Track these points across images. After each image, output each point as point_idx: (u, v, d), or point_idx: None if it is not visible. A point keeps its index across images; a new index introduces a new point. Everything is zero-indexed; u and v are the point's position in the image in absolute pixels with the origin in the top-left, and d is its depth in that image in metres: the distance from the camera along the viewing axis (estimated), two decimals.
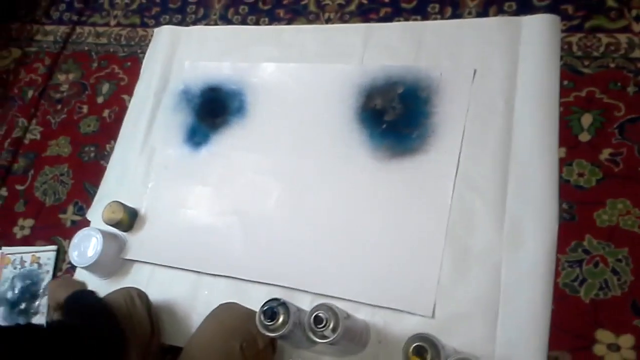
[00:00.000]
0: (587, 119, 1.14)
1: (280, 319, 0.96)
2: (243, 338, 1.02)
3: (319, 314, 0.93)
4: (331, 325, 0.93)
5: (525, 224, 1.07)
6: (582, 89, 1.17)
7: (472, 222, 1.11)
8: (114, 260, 1.34)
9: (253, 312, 1.07)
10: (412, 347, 0.88)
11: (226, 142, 1.40)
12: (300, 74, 1.40)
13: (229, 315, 1.09)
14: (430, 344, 0.88)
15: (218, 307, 1.12)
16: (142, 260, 1.34)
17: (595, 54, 1.19)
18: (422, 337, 0.89)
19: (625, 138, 1.10)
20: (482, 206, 1.11)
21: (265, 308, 0.97)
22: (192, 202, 1.36)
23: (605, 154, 1.11)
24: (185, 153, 1.42)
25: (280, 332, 0.96)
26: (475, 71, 1.23)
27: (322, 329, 0.93)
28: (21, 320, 1.42)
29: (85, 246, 1.32)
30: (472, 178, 1.14)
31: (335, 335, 0.93)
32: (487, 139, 1.17)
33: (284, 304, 0.98)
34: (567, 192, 1.09)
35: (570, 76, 1.18)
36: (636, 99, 1.13)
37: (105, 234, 1.32)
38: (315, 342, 0.97)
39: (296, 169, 1.29)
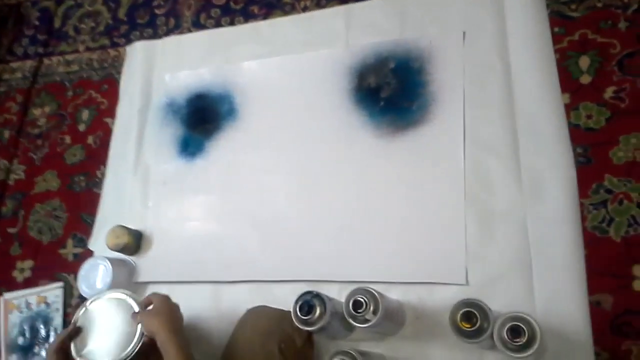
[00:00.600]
0: (584, 61, 1.14)
1: (317, 312, 0.93)
2: (280, 339, 0.99)
3: (358, 298, 0.90)
4: (372, 308, 0.90)
5: (543, 175, 1.06)
6: (574, 33, 1.16)
7: (490, 182, 1.09)
8: (126, 286, 1.27)
9: (284, 312, 1.04)
10: (460, 314, 0.86)
11: (222, 147, 1.36)
12: (286, 67, 1.37)
13: (261, 319, 1.05)
14: (478, 308, 0.85)
15: (247, 312, 1.09)
16: (156, 280, 1.29)
17: None
18: (468, 303, 0.86)
19: (626, 73, 1.10)
20: (497, 164, 1.10)
21: (301, 302, 0.94)
22: (197, 213, 1.32)
23: (609, 92, 1.10)
24: (182, 165, 1.38)
25: (319, 325, 0.93)
26: (464, 33, 1.22)
27: (362, 313, 0.90)
28: None
29: (94, 277, 1.26)
30: (481, 139, 1.13)
31: (377, 317, 0.90)
32: (489, 98, 1.15)
33: (318, 296, 0.95)
34: (579, 136, 1.08)
35: (560, 22, 1.18)
36: (629, 34, 1.13)
37: (112, 261, 1.27)
38: (354, 328, 0.94)
39: (301, 162, 1.26)
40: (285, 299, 1.09)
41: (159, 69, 1.54)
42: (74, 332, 1.04)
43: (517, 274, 1.01)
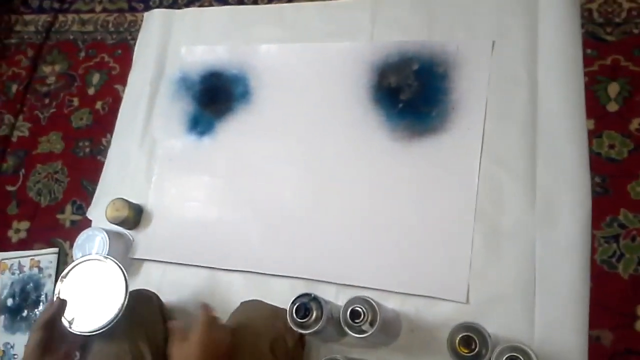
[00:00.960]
0: (614, 88, 1.11)
1: (314, 315, 0.92)
2: (272, 338, 0.97)
3: (357, 308, 0.89)
4: (369, 319, 0.89)
5: (557, 200, 1.03)
6: (606, 57, 1.13)
7: (502, 200, 1.06)
8: (122, 261, 1.24)
9: (278, 309, 1.02)
10: (458, 338, 0.84)
11: (232, 129, 1.32)
12: (306, 55, 1.34)
13: (254, 315, 1.04)
14: (478, 333, 0.84)
15: (240, 306, 1.07)
16: (152, 259, 1.27)
17: (617, 20, 1.15)
18: (468, 327, 0.85)
19: None
20: (512, 183, 1.07)
21: (298, 304, 0.92)
22: (201, 195, 1.29)
23: (635, 123, 1.07)
24: (189, 143, 1.35)
25: (314, 329, 0.91)
26: (493, 43, 1.18)
27: (359, 324, 0.88)
28: (23, 328, 1.36)
29: (90, 247, 1.24)
30: (498, 154, 1.09)
31: (374, 328, 0.88)
32: (511, 113, 1.12)
33: (315, 299, 0.93)
34: (599, 165, 1.05)
35: (593, 44, 1.14)
36: None
37: (110, 233, 1.25)
38: (347, 335, 0.93)
39: (311, 155, 1.23)
40: (280, 294, 1.08)
41: (175, 41, 1.50)
42: (61, 307, 0.97)
43: (519, 298, 0.99)
